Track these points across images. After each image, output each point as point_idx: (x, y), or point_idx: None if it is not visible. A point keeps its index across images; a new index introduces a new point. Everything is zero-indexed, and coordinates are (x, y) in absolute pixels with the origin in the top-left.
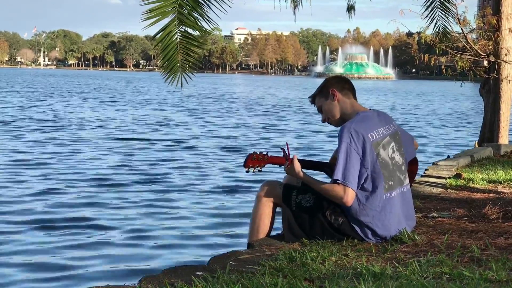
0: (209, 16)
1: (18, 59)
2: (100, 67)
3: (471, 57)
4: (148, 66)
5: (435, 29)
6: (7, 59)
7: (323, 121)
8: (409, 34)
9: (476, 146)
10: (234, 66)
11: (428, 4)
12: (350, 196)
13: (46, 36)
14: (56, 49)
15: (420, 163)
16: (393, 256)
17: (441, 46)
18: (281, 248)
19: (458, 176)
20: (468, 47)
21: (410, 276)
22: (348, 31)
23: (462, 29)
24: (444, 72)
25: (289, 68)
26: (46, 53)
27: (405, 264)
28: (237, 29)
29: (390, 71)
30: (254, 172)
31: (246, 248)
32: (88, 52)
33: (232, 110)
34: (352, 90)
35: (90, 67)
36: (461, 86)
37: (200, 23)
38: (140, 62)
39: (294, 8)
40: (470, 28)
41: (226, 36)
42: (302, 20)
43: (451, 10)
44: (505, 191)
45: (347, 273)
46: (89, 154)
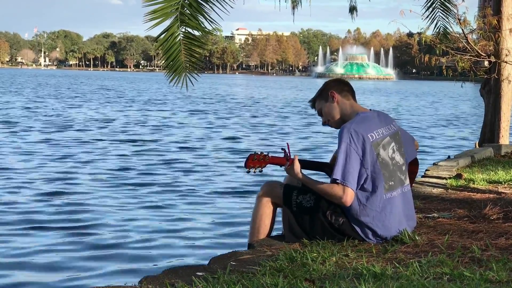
0: (211, 17)
1: (19, 59)
2: (100, 67)
3: (471, 57)
4: (149, 67)
5: (436, 29)
6: (7, 59)
7: (323, 124)
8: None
9: (477, 147)
10: (235, 66)
11: (429, 5)
12: (349, 196)
13: (46, 37)
14: (57, 49)
15: (421, 164)
16: (393, 256)
17: (441, 47)
18: (281, 248)
19: (458, 176)
20: (468, 47)
21: (410, 277)
22: (349, 31)
23: (462, 29)
24: (445, 72)
25: (289, 68)
26: (47, 53)
27: (405, 264)
28: (237, 29)
29: (390, 72)
30: (255, 172)
31: (247, 248)
32: (89, 53)
33: (236, 111)
34: (351, 92)
35: (90, 67)
36: (461, 87)
37: (202, 24)
38: (141, 62)
39: (293, 8)
40: (471, 29)
41: (226, 37)
42: (302, 21)
43: (451, 11)
44: (505, 191)
45: (347, 273)
46: (90, 156)
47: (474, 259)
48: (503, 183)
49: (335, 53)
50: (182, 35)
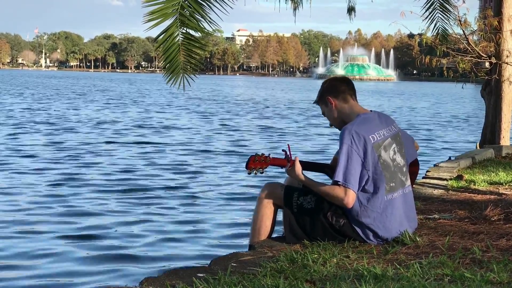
0: (210, 18)
1: (20, 60)
2: (101, 68)
3: (472, 58)
4: (150, 68)
5: (435, 30)
6: (8, 60)
7: (330, 125)
8: (410, 36)
9: (478, 148)
10: (236, 67)
11: (428, 6)
12: (350, 197)
13: (47, 38)
14: (58, 50)
15: (421, 165)
16: (394, 257)
17: (442, 48)
18: (282, 249)
19: (459, 177)
20: (469, 48)
21: (411, 278)
22: (350, 32)
23: (463, 30)
24: (446, 73)
25: (290, 69)
26: (48, 54)
27: (406, 265)
28: (238, 30)
29: (391, 73)
30: (256, 174)
31: (248, 249)
32: (90, 54)
33: (239, 113)
34: (350, 91)
35: (91, 68)
36: (462, 88)
37: (202, 25)
38: (142, 63)
39: (295, 9)
40: (471, 30)
41: (227, 38)
42: (303, 22)
43: (451, 12)
44: (506, 192)
45: (348, 274)
46: (94, 158)
47: (475, 261)
48: (504, 184)
49: (336, 54)
50: (182, 36)
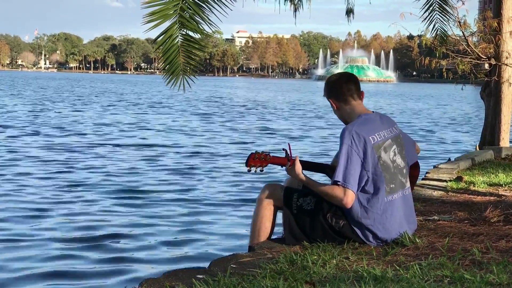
0: (210, 19)
1: (19, 62)
2: (101, 70)
3: (472, 60)
4: (149, 69)
5: (433, 31)
6: (8, 62)
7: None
8: (410, 37)
9: (477, 149)
10: (235, 69)
11: (427, 7)
12: (350, 197)
13: (47, 39)
14: (57, 52)
15: (421, 166)
16: (394, 259)
17: (442, 49)
18: (282, 251)
19: (459, 179)
20: (469, 50)
21: (411, 279)
22: (349, 34)
23: (463, 32)
24: (445, 75)
25: (290, 71)
26: (47, 56)
27: (406, 267)
28: (238, 32)
29: (391, 74)
30: (256, 172)
31: (247, 251)
32: (89, 55)
33: (239, 114)
34: (353, 92)
35: (91, 70)
36: (462, 89)
37: (201, 26)
38: (141, 65)
39: (294, 11)
40: (471, 31)
41: (227, 39)
42: (303, 23)
43: (450, 13)
44: (506, 194)
45: (348, 276)
46: (94, 159)
47: (474, 262)
48: (503, 185)
49: (336, 55)
50: (181, 38)
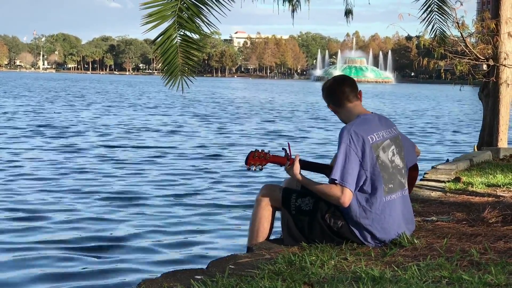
0: (209, 20)
1: (18, 62)
2: (99, 70)
3: (470, 61)
4: (148, 70)
5: (432, 32)
6: (6, 62)
7: None
8: (408, 38)
9: (475, 150)
10: (234, 69)
11: (426, 8)
12: (347, 196)
13: (45, 40)
14: (56, 52)
15: (419, 167)
16: (392, 260)
17: (440, 50)
18: (280, 251)
19: (457, 180)
20: (467, 51)
21: (409, 280)
22: (348, 35)
23: (461, 33)
24: (443, 76)
25: (288, 71)
26: (46, 56)
27: (404, 268)
28: (236, 32)
29: (389, 75)
30: (255, 170)
31: (246, 251)
32: (88, 56)
33: (243, 116)
34: (349, 94)
35: (89, 70)
36: (460, 90)
37: (200, 27)
38: (140, 65)
39: (293, 11)
40: (469, 32)
41: (225, 40)
42: (301, 24)
43: (448, 14)
44: (504, 194)
45: (346, 277)
46: (93, 160)
47: (472, 263)
48: (501, 186)
49: (334, 56)
50: (180, 38)
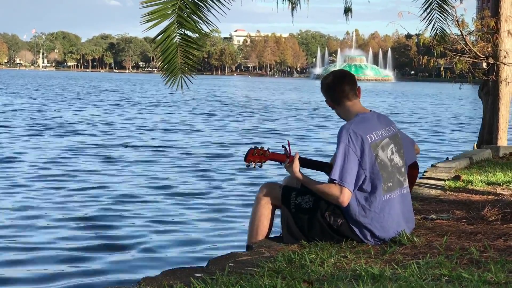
0: (208, 19)
1: (17, 60)
2: (99, 68)
3: (470, 59)
4: (147, 68)
5: (433, 30)
6: (6, 60)
7: None
8: (408, 36)
9: (475, 148)
10: (233, 68)
11: (426, 6)
12: (346, 196)
13: (45, 38)
14: (55, 50)
15: (419, 165)
16: (392, 258)
17: (439, 48)
18: (280, 249)
19: (457, 178)
20: (467, 49)
21: (409, 278)
22: (347, 33)
23: (461, 31)
24: (443, 74)
25: (288, 70)
26: (45, 54)
27: (404, 266)
28: (236, 31)
29: (389, 73)
30: (255, 167)
31: (245, 249)
32: (87, 54)
33: (243, 114)
34: (348, 92)
35: (89, 68)
36: (459, 88)
37: (199, 26)
38: (139, 64)
39: (292, 9)
40: (469, 31)
41: (225, 38)
42: (301, 22)
43: (448, 12)
44: (504, 193)
45: (346, 275)
46: (93, 160)
47: (472, 261)
48: (501, 184)
49: (334, 54)
50: (179, 37)
